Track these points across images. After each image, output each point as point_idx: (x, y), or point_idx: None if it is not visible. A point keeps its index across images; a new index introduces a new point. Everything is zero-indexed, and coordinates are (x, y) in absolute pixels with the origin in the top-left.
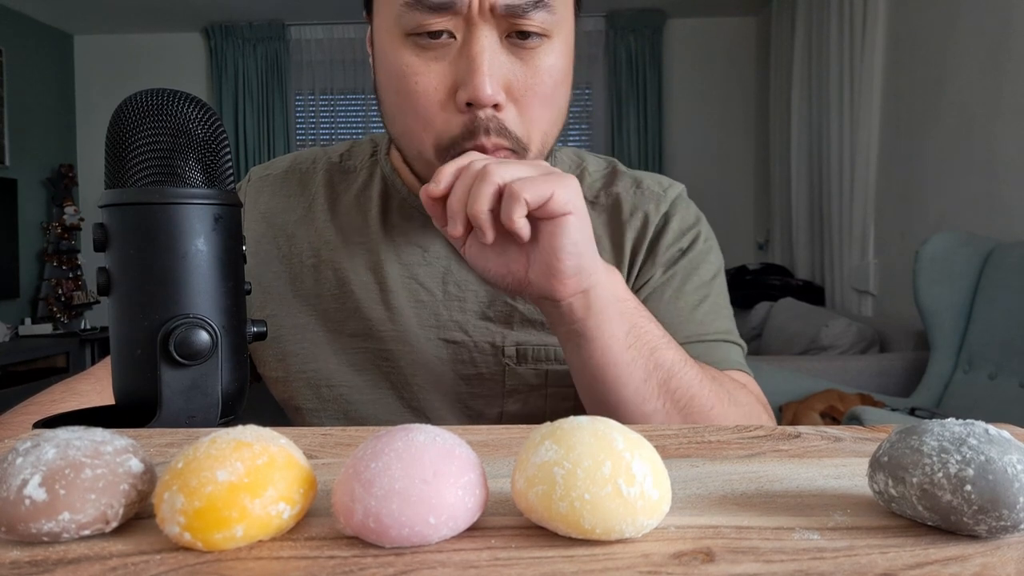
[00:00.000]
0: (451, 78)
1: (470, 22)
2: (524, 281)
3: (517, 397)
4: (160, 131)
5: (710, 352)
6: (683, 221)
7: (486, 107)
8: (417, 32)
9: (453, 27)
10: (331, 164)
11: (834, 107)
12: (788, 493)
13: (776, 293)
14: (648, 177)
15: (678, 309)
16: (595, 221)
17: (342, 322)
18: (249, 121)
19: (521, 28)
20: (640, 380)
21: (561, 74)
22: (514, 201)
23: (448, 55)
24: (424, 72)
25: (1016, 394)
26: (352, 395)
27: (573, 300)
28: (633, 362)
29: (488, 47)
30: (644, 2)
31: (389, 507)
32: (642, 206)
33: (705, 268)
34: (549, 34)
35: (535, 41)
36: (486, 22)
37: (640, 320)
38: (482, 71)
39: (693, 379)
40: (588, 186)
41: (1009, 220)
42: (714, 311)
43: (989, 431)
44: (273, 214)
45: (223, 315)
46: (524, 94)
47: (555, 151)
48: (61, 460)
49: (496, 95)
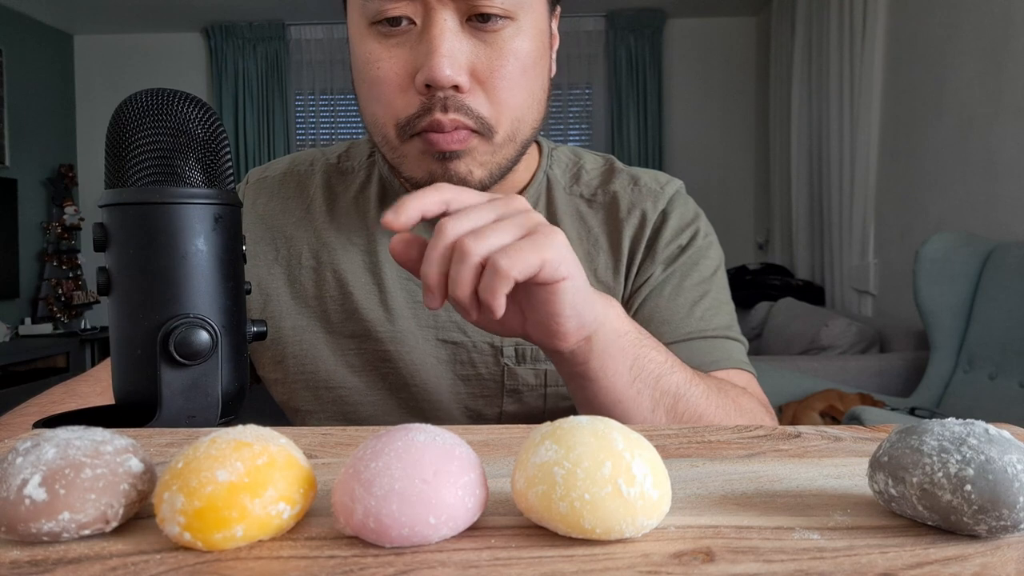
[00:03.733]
0: (411, 63)
1: (428, 6)
2: (523, 334)
3: (516, 397)
4: (160, 131)
5: (710, 350)
6: (681, 218)
7: (444, 88)
8: (379, 20)
9: (412, 13)
10: (329, 165)
11: (834, 107)
12: (788, 493)
13: (776, 293)
14: (645, 174)
15: (678, 306)
16: (592, 220)
17: (341, 324)
18: (249, 121)
19: (481, 10)
20: (647, 411)
21: (530, 58)
22: (499, 280)
23: (409, 41)
24: (386, 58)
25: (1016, 394)
26: (351, 396)
27: (576, 348)
28: (639, 395)
29: (447, 29)
30: (644, 2)
31: (389, 507)
32: (640, 203)
33: (705, 264)
34: (513, 16)
35: (498, 23)
36: (444, 6)
37: (642, 350)
38: (439, 52)
39: (700, 399)
40: (585, 184)
41: (1009, 220)
42: (714, 307)
43: (989, 431)
44: (271, 216)
45: (223, 315)
46: (489, 76)
47: (552, 149)
48: (61, 460)
49: (456, 76)
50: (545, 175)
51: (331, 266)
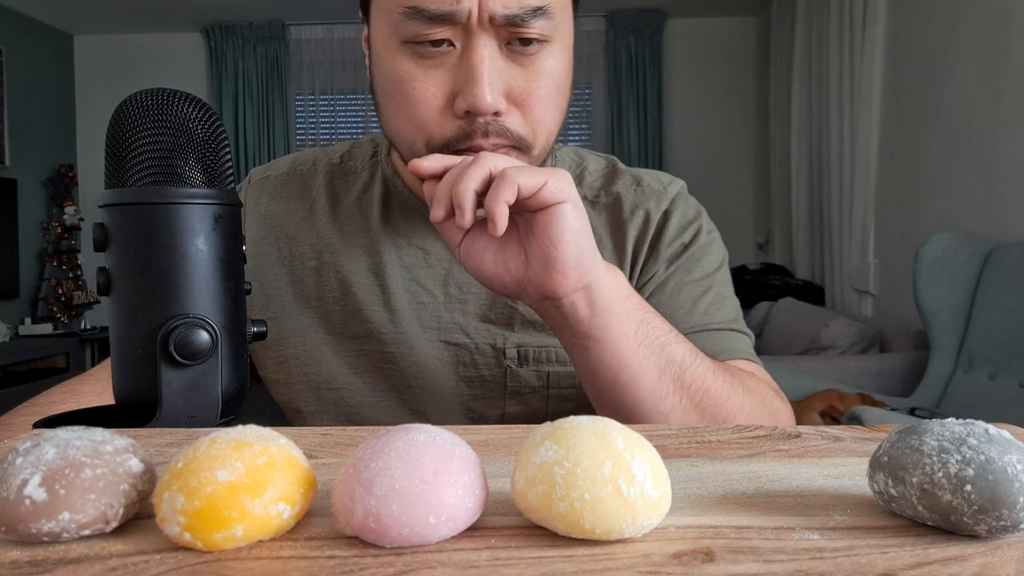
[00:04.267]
0: (450, 86)
1: (469, 32)
2: (523, 280)
3: (518, 399)
4: (160, 131)
5: (715, 341)
6: (684, 216)
7: (486, 115)
8: (416, 40)
9: (452, 36)
10: (332, 165)
11: (834, 107)
12: (788, 493)
13: (776, 293)
14: (648, 175)
15: (681, 301)
16: (596, 221)
17: (343, 324)
18: (249, 121)
19: (521, 36)
20: (655, 378)
21: (562, 76)
22: (505, 184)
23: (447, 63)
24: (422, 79)
25: (1016, 394)
26: (353, 398)
27: (575, 297)
28: (645, 360)
29: (488, 56)
30: (644, 2)
31: (389, 507)
32: (643, 204)
33: (708, 260)
34: (549, 39)
35: (535, 47)
36: (485, 31)
37: (647, 316)
38: (482, 80)
39: (706, 371)
40: (588, 185)
41: (1009, 220)
42: (718, 301)
43: (989, 431)
44: (274, 216)
45: (223, 315)
46: (527, 98)
47: (555, 150)
48: (61, 460)
49: (496, 103)
50: None
51: (334, 267)
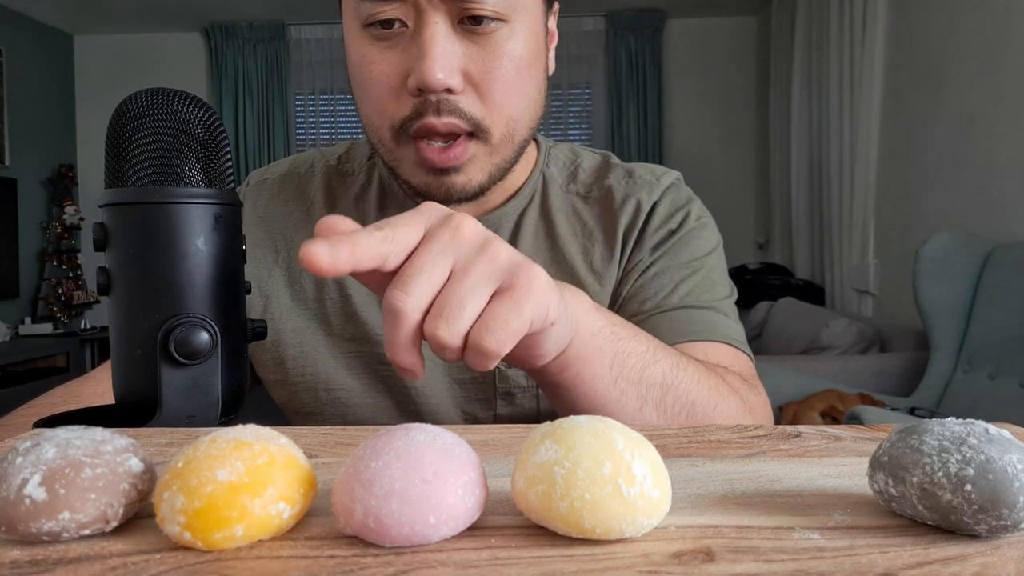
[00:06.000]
0: (403, 65)
1: (419, 9)
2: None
3: (508, 399)
4: (160, 131)
5: (692, 320)
6: (673, 204)
7: (436, 91)
8: (371, 22)
9: (404, 15)
10: (329, 167)
11: (834, 107)
12: (788, 493)
13: (776, 293)
14: (641, 167)
15: (662, 284)
16: (587, 214)
17: (340, 326)
18: (249, 121)
19: (472, 12)
20: (635, 410)
21: (524, 60)
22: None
23: (401, 43)
24: (379, 60)
25: (1016, 394)
26: (350, 399)
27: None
28: (623, 395)
29: (438, 32)
30: (644, 2)
31: (389, 507)
32: (634, 194)
33: (696, 245)
34: (506, 18)
35: (491, 25)
36: (436, 9)
37: (621, 344)
38: (431, 56)
39: (690, 384)
40: (581, 181)
41: (1009, 220)
42: (704, 284)
43: (989, 431)
44: (272, 219)
45: (223, 315)
46: (483, 78)
47: (549, 147)
48: (61, 459)
49: (448, 79)
50: (541, 173)
51: None
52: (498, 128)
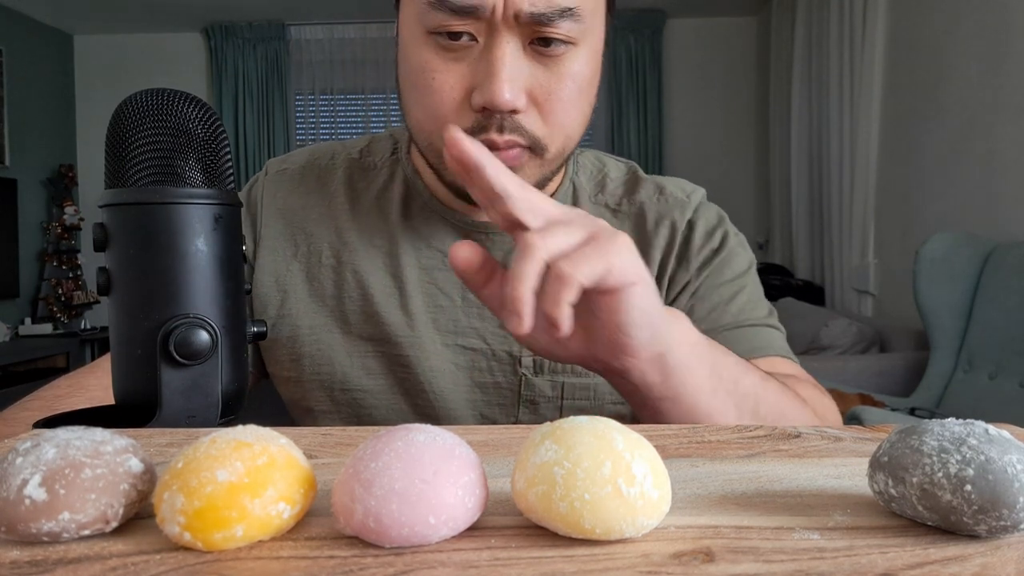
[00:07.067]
0: (469, 79)
1: (493, 27)
2: (587, 357)
3: (532, 408)
4: (160, 131)
5: (751, 338)
6: (708, 223)
7: (502, 111)
8: (439, 31)
9: (475, 30)
10: (351, 160)
11: (834, 107)
12: (788, 493)
13: (776, 293)
14: (670, 183)
15: (714, 303)
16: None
17: (359, 325)
18: (249, 121)
19: (545, 35)
20: (734, 419)
21: (586, 80)
22: (563, 286)
23: (469, 56)
24: (443, 70)
25: (1016, 394)
26: (366, 399)
27: (646, 367)
28: (724, 405)
29: (509, 53)
30: (644, 2)
31: (389, 507)
32: (668, 215)
33: (737, 262)
34: (575, 41)
35: (560, 48)
36: (509, 28)
37: (716, 355)
38: (500, 77)
39: (778, 397)
40: (610, 193)
41: (1009, 220)
42: (752, 301)
43: (989, 431)
44: (291, 211)
45: (223, 315)
46: (547, 99)
47: (577, 155)
48: (61, 460)
49: (514, 101)
50: (571, 182)
51: (351, 266)
52: (555, 145)
